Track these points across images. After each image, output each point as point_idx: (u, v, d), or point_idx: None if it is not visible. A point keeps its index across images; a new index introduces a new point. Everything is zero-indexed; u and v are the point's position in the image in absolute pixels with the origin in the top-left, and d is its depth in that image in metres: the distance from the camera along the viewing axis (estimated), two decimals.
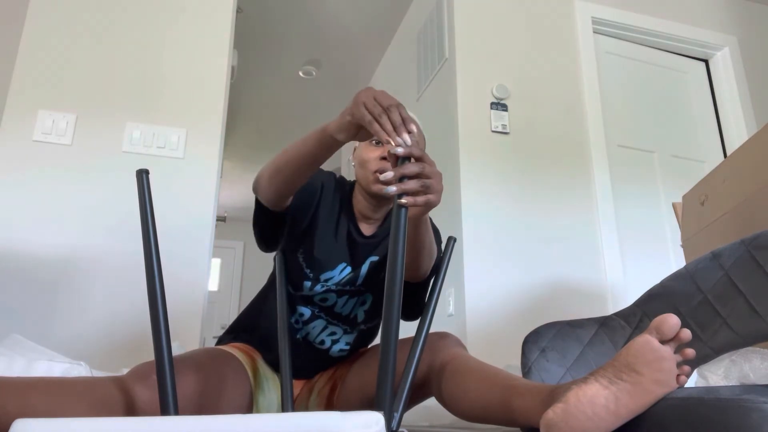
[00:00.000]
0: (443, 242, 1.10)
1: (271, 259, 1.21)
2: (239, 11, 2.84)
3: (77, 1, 1.98)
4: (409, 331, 1.03)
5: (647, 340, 0.71)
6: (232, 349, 1.15)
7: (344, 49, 3.71)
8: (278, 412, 1.10)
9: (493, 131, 2.38)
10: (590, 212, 2.40)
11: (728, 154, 2.67)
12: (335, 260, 1.15)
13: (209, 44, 2.07)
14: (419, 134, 1.19)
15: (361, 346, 1.27)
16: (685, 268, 1.07)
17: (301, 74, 3.99)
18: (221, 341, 1.24)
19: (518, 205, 2.32)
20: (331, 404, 1.19)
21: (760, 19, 3.12)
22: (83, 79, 1.91)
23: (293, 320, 1.18)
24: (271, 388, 1.16)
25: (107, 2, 2.01)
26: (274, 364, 1.18)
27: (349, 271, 1.16)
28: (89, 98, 1.90)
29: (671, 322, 0.71)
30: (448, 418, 1.23)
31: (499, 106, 2.42)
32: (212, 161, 1.95)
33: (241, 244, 6.80)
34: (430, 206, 0.90)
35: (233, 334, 1.24)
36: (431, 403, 1.10)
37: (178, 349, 1.52)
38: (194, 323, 1.79)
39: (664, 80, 2.85)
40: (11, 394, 0.79)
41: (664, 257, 2.48)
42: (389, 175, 0.87)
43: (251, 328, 1.22)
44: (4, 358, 1.12)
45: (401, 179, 0.86)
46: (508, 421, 0.86)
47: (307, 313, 1.17)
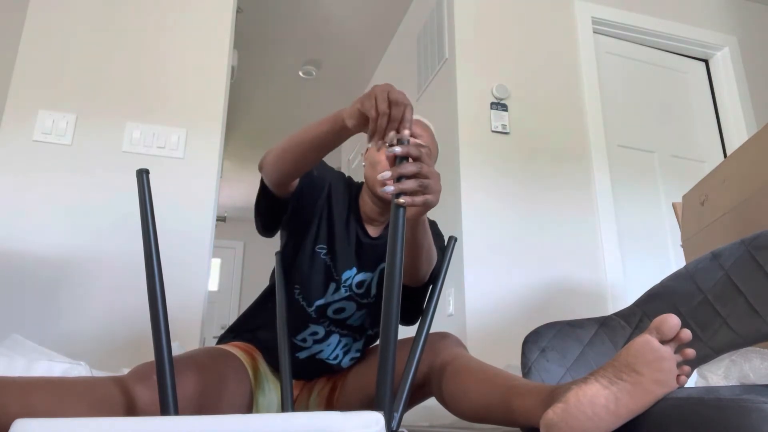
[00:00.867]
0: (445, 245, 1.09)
1: (271, 259, 1.21)
2: (239, 11, 2.84)
3: (77, 1, 1.98)
4: (409, 331, 1.03)
5: (647, 340, 0.71)
6: (233, 348, 1.15)
7: (344, 49, 3.71)
8: (278, 412, 1.10)
9: (493, 131, 2.38)
10: (590, 212, 2.40)
11: (728, 154, 2.67)
12: (350, 259, 1.15)
13: (209, 44, 2.07)
14: (431, 141, 1.19)
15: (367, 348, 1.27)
16: (685, 268, 1.07)
17: (301, 74, 3.99)
18: (222, 340, 1.24)
19: (518, 205, 2.32)
20: (331, 404, 1.19)
21: (760, 19, 3.12)
22: (83, 79, 1.91)
23: (300, 338, 1.16)
24: (271, 388, 1.16)
25: (107, 3, 2.01)
26: (274, 364, 1.18)
27: (355, 272, 1.16)
28: (89, 98, 1.90)
29: (671, 322, 0.71)
30: (448, 418, 1.23)
31: (499, 106, 2.42)
32: (212, 161, 1.95)
33: (241, 244, 6.81)
34: (428, 206, 0.90)
35: (235, 332, 1.24)
36: (431, 403, 1.10)
37: (178, 349, 1.52)
38: (194, 323, 1.79)
39: (664, 80, 2.85)
40: (12, 394, 0.79)
41: (664, 257, 2.48)
42: (387, 174, 0.87)
43: (253, 328, 1.22)
44: (4, 358, 1.12)
45: (399, 179, 0.86)
46: (508, 421, 0.86)
47: (321, 331, 1.16)
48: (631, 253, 2.43)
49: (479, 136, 2.36)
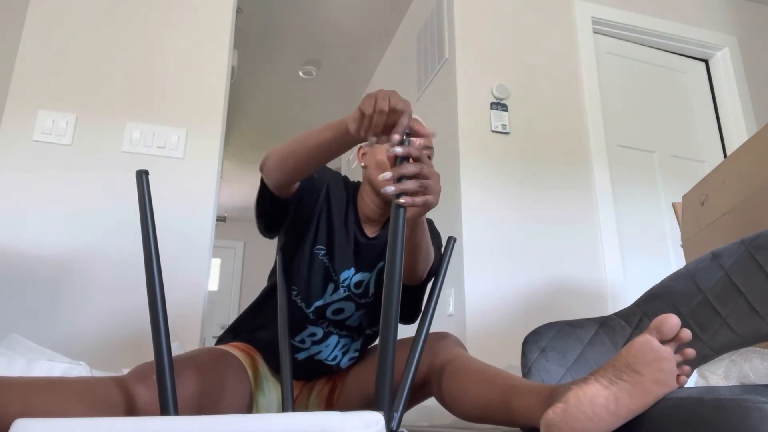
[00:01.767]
0: (443, 245, 1.10)
1: (271, 259, 1.21)
2: (239, 11, 2.84)
3: (77, 1, 1.98)
4: (408, 331, 1.03)
5: (647, 340, 0.71)
6: (232, 348, 1.15)
7: (344, 49, 3.71)
8: (278, 412, 1.10)
9: (493, 131, 2.38)
10: (590, 212, 2.40)
11: (728, 154, 2.67)
12: (348, 258, 1.15)
13: (209, 44, 2.07)
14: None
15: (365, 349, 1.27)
16: (685, 268, 1.07)
17: (301, 74, 3.99)
18: (222, 340, 1.24)
19: (518, 205, 2.32)
20: (330, 404, 1.19)
21: (760, 19, 3.12)
22: (83, 79, 1.91)
23: (299, 339, 1.16)
24: (271, 388, 1.16)
25: (107, 3, 2.01)
26: (274, 365, 1.18)
27: (353, 272, 1.16)
28: (89, 98, 1.90)
29: (671, 322, 0.71)
30: (448, 418, 1.23)
31: (499, 106, 2.42)
32: (212, 161, 1.95)
33: (241, 244, 6.81)
34: (428, 207, 0.90)
35: (234, 333, 1.24)
36: (431, 403, 1.10)
37: (178, 349, 1.52)
38: (194, 323, 1.79)
39: (664, 80, 2.85)
40: (12, 394, 0.79)
41: (664, 257, 2.48)
42: (387, 174, 0.87)
43: (253, 328, 1.22)
44: (4, 358, 1.12)
45: (400, 179, 0.86)
46: (508, 421, 0.86)
47: (319, 332, 1.16)
48: (631, 253, 2.43)
49: (479, 136, 2.36)
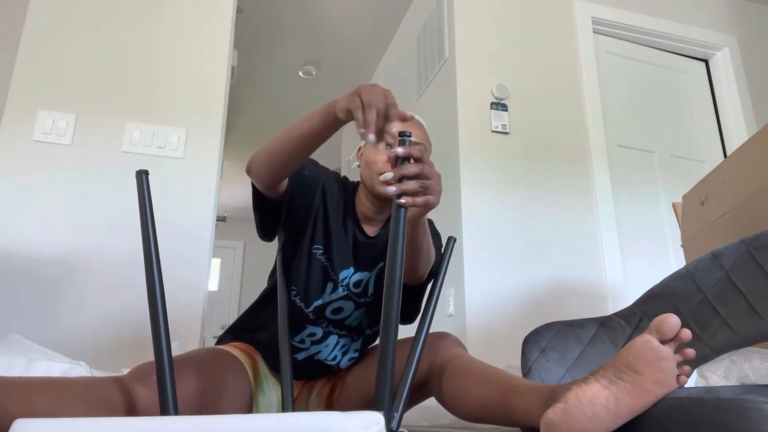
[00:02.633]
0: (443, 244, 1.09)
1: (271, 259, 1.21)
2: (239, 11, 2.84)
3: (77, 1, 1.98)
4: (409, 331, 1.03)
5: (647, 340, 0.71)
6: (232, 348, 1.15)
7: (344, 49, 3.71)
8: (278, 412, 1.10)
9: (493, 131, 2.38)
10: (590, 212, 2.40)
11: (728, 154, 2.67)
12: (347, 258, 1.15)
13: (209, 44, 2.07)
14: (425, 139, 1.19)
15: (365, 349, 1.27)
16: (685, 268, 1.07)
17: (301, 74, 3.99)
18: (222, 340, 1.24)
19: (518, 205, 2.32)
20: (330, 404, 1.19)
21: (760, 19, 3.12)
22: (83, 79, 1.91)
23: (299, 339, 1.16)
24: (271, 388, 1.16)
25: (107, 3, 2.01)
26: (273, 365, 1.18)
27: (352, 271, 1.16)
28: (89, 98, 1.90)
29: (671, 322, 0.71)
30: (448, 418, 1.22)
31: (499, 106, 2.42)
32: (212, 161, 1.95)
33: (241, 244, 6.80)
34: (429, 207, 0.90)
35: (234, 333, 1.24)
36: (431, 403, 1.10)
37: (178, 349, 1.52)
38: (194, 323, 1.79)
39: (664, 80, 2.85)
40: (12, 393, 0.79)
41: (664, 257, 2.48)
42: (389, 175, 0.87)
43: (253, 328, 1.22)
44: (4, 358, 1.12)
45: (400, 180, 0.86)
46: (508, 421, 0.86)
47: (318, 332, 1.16)
48: (631, 253, 2.42)
49: (479, 136, 2.36)
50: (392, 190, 0.85)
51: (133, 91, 1.94)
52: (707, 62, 2.98)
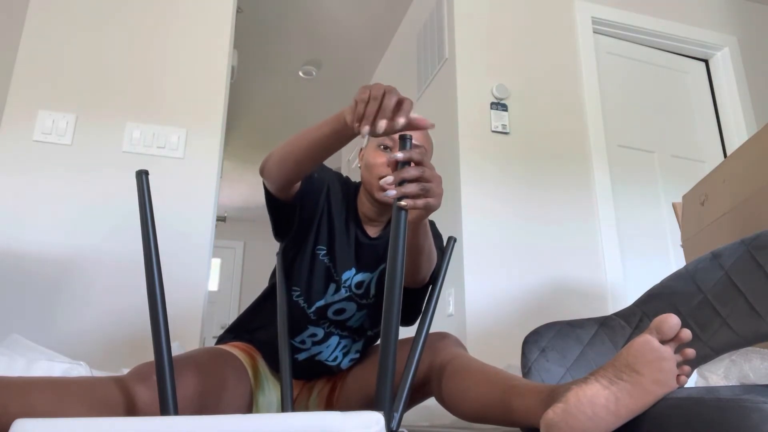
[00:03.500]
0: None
1: (271, 259, 1.21)
2: (239, 11, 2.84)
3: (77, 1, 1.98)
4: (409, 331, 1.03)
5: (647, 340, 0.71)
6: (232, 348, 1.15)
7: (344, 49, 3.71)
8: (278, 412, 1.10)
9: (493, 131, 2.38)
10: (590, 212, 2.40)
11: (728, 154, 2.67)
12: (349, 259, 1.15)
13: (209, 44, 2.07)
14: (426, 140, 1.19)
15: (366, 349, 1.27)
16: (685, 268, 1.07)
17: (301, 74, 3.99)
18: (222, 340, 1.24)
19: (518, 205, 2.32)
20: (330, 404, 1.19)
21: (760, 19, 3.12)
22: (83, 79, 1.91)
23: (300, 340, 1.16)
24: (271, 388, 1.16)
25: (107, 3, 2.01)
26: (274, 365, 1.18)
27: (354, 272, 1.16)
28: (89, 98, 1.90)
29: (671, 322, 0.71)
30: (448, 418, 1.23)
31: (499, 106, 2.42)
32: (212, 161, 1.95)
33: (241, 244, 6.80)
34: (429, 209, 0.90)
35: (234, 333, 1.24)
36: (431, 403, 1.10)
37: (178, 349, 1.52)
38: (194, 323, 1.79)
39: (664, 80, 2.85)
40: (12, 393, 0.79)
41: (664, 257, 2.48)
42: (389, 179, 0.87)
43: (253, 328, 1.22)
44: (4, 358, 1.12)
45: (401, 183, 0.86)
46: (508, 421, 0.86)
47: (320, 333, 1.16)
48: (631, 253, 2.42)
49: (479, 136, 2.36)
50: (392, 193, 0.85)
51: (133, 91, 1.94)
52: (707, 62, 2.98)
